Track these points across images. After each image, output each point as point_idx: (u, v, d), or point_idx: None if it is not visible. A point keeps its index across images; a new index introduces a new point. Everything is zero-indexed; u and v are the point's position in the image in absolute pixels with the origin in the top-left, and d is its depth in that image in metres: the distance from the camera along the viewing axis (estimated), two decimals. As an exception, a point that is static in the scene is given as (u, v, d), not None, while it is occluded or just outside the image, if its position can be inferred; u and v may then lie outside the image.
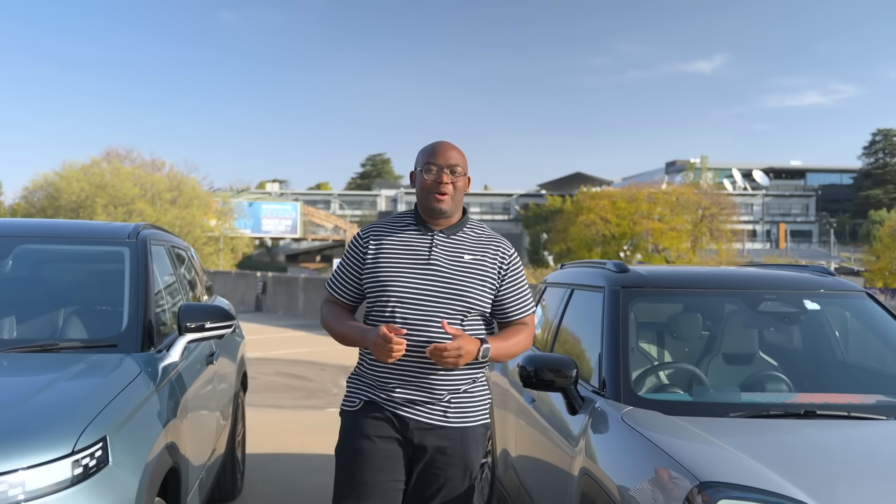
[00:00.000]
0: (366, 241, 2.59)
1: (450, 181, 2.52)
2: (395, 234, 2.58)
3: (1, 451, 1.98)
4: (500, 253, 2.57)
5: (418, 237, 2.55)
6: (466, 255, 2.53)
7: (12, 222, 3.85)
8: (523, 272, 2.65)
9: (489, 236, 2.61)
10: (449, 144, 2.60)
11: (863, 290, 3.48)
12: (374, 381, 2.53)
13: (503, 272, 2.56)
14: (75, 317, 3.15)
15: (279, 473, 5.52)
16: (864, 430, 2.60)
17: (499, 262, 2.56)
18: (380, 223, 2.64)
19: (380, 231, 2.60)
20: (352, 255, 2.60)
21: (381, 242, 2.56)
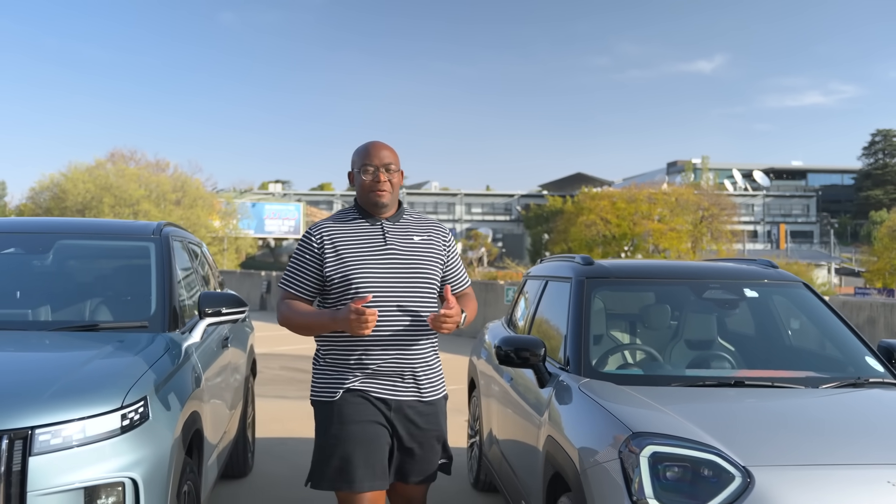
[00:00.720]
0: (319, 239, 2.76)
1: (386, 178, 2.76)
2: (346, 227, 2.79)
3: (67, 404, 2.45)
4: (442, 234, 2.90)
5: (369, 227, 2.79)
6: (415, 236, 2.83)
7: (52, 221, 4.33)
8: (458, 251, 3.01)
9: (428, 220, 2.93)
10: (381, 144, 2.81)
11: (800, 280, 3.95)
12: (350, 368, 2.73)
13: (447, 250, 2.90)
14: (110, 302, 3.64)
15: (286, 455, 5.98)
16: (780, 397, 3.06)
17: (443, 242, 2.89)
18: (326, 221, 2.83)
19: (330, 227, 2.79)
20: (306, 252, 2.77)
21: (336, 237, 2.76)
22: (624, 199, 50.74)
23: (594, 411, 2.89)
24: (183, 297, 3.88)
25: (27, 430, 2.34)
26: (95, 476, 2.41)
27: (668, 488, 2.40)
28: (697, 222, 51.20)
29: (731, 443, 2.48)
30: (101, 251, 4.07)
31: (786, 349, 3.75)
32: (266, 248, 69.16)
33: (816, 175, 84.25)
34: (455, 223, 75.16)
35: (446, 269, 2.91)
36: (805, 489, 2.30)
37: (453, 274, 2.94)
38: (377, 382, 2.74)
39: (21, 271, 3.83)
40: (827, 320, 3.76)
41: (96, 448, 2.44)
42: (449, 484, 5.14)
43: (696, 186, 55.51)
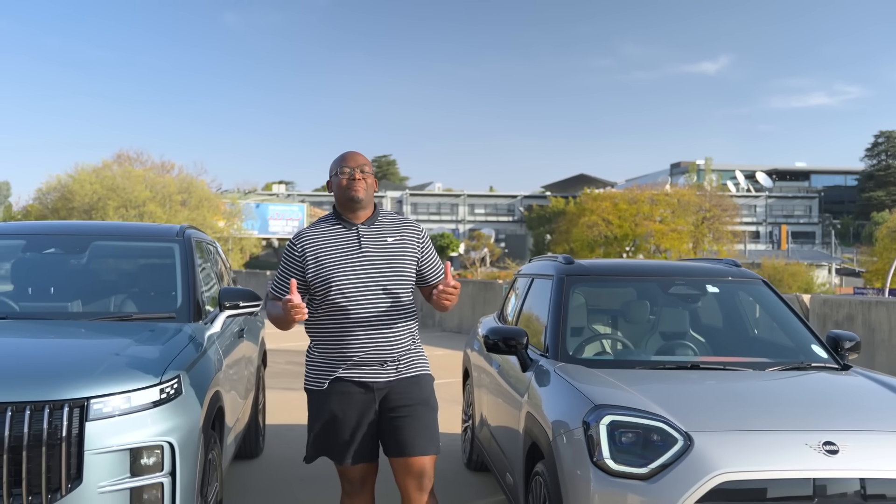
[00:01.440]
0: (301, 247, 3.07)
1: (361, 177, 3.04)
2: (324, 235, 3.08)
3: (116, 379, 2.90)
4: (415, 232, 3.15)
5: (345, 233, 3.06)
6: (388, 237, 3.09)
7: (87, 224, 4.79)
8: (433, 246, 3.24)
9: (403, 221, 3.18)
10: (356, 152, 3.11)
11: (759, 278, 4.39)
12: (336, 359, 3.03)
13: (420, 247, 3.15)
14: (140, 296, 4.10)
15: (293, 439, 6.42)
16: (728, 378, 3.51)
17: (416, 240, 3.14)
18: (307, 230, 3.11)
19: (310, 236, 3.08)
20: (290, 260, 3.09)
21: (315, 244, 3.05)
22: (625, 200, 51.08)
23: (566, 389, 3.33)
24: (204, 291, 4.33)
25: (84, 400, 2.79)
26: (139, 439, 2.85)
27: (623, 450, 2.85)
28: (699, 223, 51.53)
29: (677, 413, 2.93)
30: (132, 251, 4.55)
31: (744, 338, 4.20)
32: (270, 248, 69.66)
33: (820, 176, 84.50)
34: (458, 224, 75.56)
35: (422, 263, 3.15)
36: (735, 449, 2.74)
37: (429, 267, 3.18)
38: (360, 370, 3.04)
39: (61, 269, 4.30)
40: (782, 314, 4.20)
41: (139, 416, 2.89)
42: (444, 465, 5.57)
43: (698, 188, 55.76)
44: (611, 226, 50.71)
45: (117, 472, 2.81)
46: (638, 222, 50.46)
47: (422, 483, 3.07)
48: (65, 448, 2.72)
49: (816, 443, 2.78)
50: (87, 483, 2.75)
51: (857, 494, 2.70)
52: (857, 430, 2.90)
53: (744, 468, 2.70)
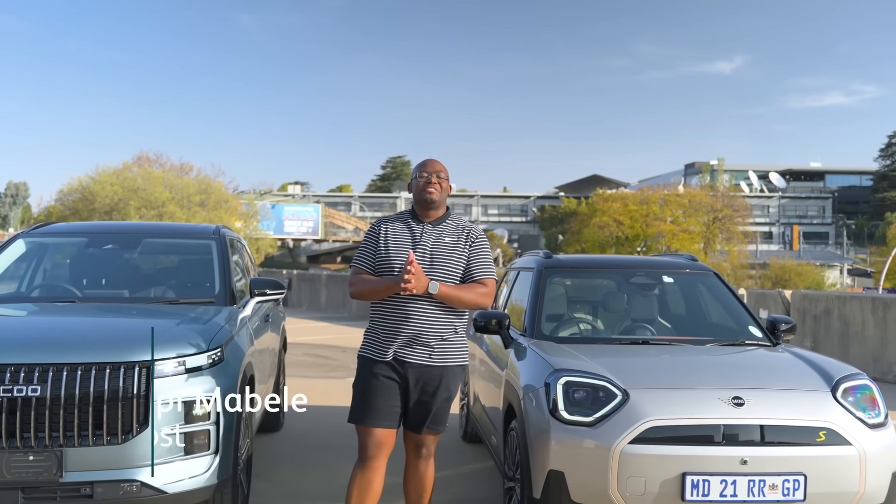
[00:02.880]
0: (378, 230, 3.61)
1: (437, 182, 3.56)
2: (398, 225, 3.62)
3: (174, 347, 3.64)
4: (470, 233, 3.60)
5: (413, 227, 3.59)
6: (447, 238, 3.56)
7: (138, 224, 5.60)
8: (488, 248, 3.63)
9: (463, 225, 3.63)
10: (435, 160, 3.61)
11: (711, 270, 5.11)
12: (389, 337, 3.49)
13: (470, 245, 3.56)
14: (185, 284, 4.88)
15: (310, 418, 7.18)
16: (669, 351, 4.24)
17: (467, 239, 3.57)
18: (387, 218, 3.66)
19: (387, 223, 3.63)
20: (369, 239, 3.63)
21: (389, 231, 3.59)
22: (637, 200, 51.54)
23: (535, 359, 4.07)
24: (236, 281, 5.10)
25: (150, 362, 3.54)
26: (191, 394, 3.60)
27: (575, 404, 3.58)
28: (710, 223, 51.90)
29: (619, 375, 3.66)
30: (176, 247, 5.35)
31: (693, 320, 4.92)
32: (284, 248, 70.50)
33: (834, 176, 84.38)
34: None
35: (469, 261, 3.57)
36: (661, 402, 3.48)
37: (474, 265, 3.57)
38: (403, 349, 3.49)
39: (117, 262, 5.10)
40: (728, 300, 4.91)
41: (192, 377, 3.64)
42: (443, 438, 6.30)
43: (711, 188, 56.04)
44: (622, 226, 51.06)
45: (175, 420, 3.57)
46: (649, 223, 50.78)
47: (422, 452, 3.64)
48: (135, 399, 3.48)
49: (727, 397, 3.50)
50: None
51: (757, 437, 3.42)
52: (761, 388, 3.62)
53: (667, 416, 3.43)
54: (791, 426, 3.46)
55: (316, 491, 4.98)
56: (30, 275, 5.00)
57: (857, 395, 3.68)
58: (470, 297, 3.51)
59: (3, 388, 3.37)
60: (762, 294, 11.56)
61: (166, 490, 3.51)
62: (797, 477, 3.38)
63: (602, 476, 3.42)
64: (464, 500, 4.81)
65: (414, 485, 3.66)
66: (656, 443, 3.40)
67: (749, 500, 3.36)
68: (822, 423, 3.48)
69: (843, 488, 3.45)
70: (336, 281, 22.46)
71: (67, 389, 3.41)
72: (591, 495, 3.46)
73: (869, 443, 3.51)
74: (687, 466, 3.36)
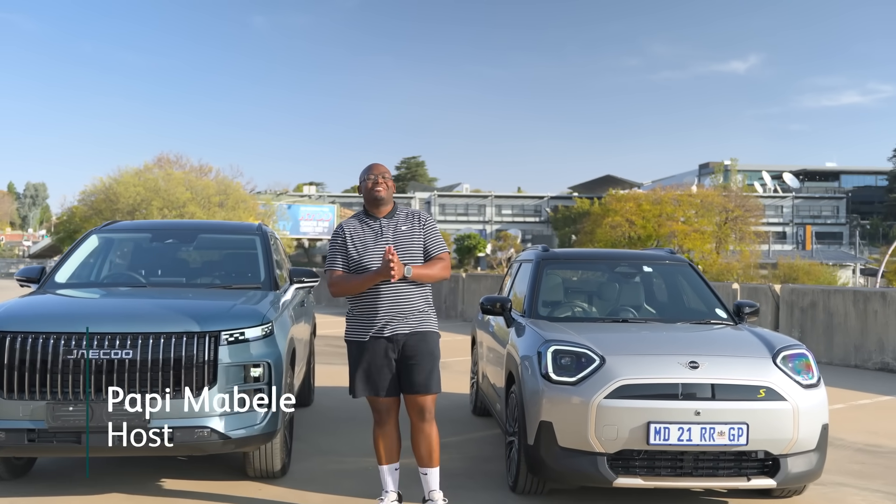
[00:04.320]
0: (344, 233, 4.19)
1: (383, 181, 4.17)
2: (358, 225, 4.21)
3: (235, 320, 4.47)
4: (419, 217, 4.24)
5: (372, 223, 4.21)
6: (403, 226, 4.19)
7: (192, 222, 6.48)
8: (436, 226, 4.28)
9: (412, 212, 4.25)
10: (378, 163, 4.22)
11: (687, 261, 5.90)
12: (369, 317, 4.11)
13: (422, 227, 4.22)
14: (235, 272, 5.74)
15: (335, 396, 8.03)
16: (644, 328, 5.04)
17: (419, 222, 4.22)
18: (347, 221, 4.24)
19: (349, 225, 4.20)
20: (337, 243, 4.20)
21: (352, 232, 4.18)
22: (649, 200, 52.07)
23: (531, 334, 4.89)
24: (276, 270, 5.95)
25: (218, 332, 4.37)
26: (250, 359, 4.44)
27: (561, 367, 4.39)
28: (722, 224, 52.33)
29: (598, 344, 4.46)
30: (227, 241, 6.23)
31: (669, 304, 5.72)
32: (300, 248, 71.47)
33: (850, 176, 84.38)
34: (485, 225, 76.99)
35: (425, 241, 4.24)
36: (631, 365, 4.28)
37: (429, 244, 4.25)
38: (385, 326, 4.10)
39: (177, 254, 5.97)
40: (700, 287, 5.70)
41: (250, 345, 4.47)
42: (456, 413, 7.15)
43: (725, 188, 56.40)
44: (634, 226, 51.50)
45: (237, 380, 4.41)
46: (661, 223, 51.20)
47: (424, 414, 4.15)
48: (205, 362, 4.32)
49: (685, 362, 4.30)
50: (219, 385, 4.34)
51: (709, 394, 4.21)
52: (714, 355, 4.42)
53: (635, 377, 4.23)
54: (736, 385, 4.25)
55: (347, 449, 5.82)
56: (103, 265, 5.87)
57: (795, 362, 4.47)
58: (435, 272, 4.20)
59: (102, 351, 4.22)
60: (754, 288, 12.30)
61: (231, 436, 4.34)
62: (741, 426, 4.17)
63: (583, 425, 4.23)
64: (472, 458, 5.62)
65: (422, 445, 4.20)
66: (627, 398, 4.20)
67: (701, 443, 4.16)
68: (763, 383, 4.27)
69: (780, 436, 4.23)
70: (354, 278, 23.32)
71: (153, 353, 4.26)
72: (574, 441, 4.27)
73: (802, 400, 4.30)
74: (651, 417, 4.16)
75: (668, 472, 4.24)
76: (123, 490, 4.66)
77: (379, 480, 4.38)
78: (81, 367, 4.20)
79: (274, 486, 4.84)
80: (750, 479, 4.25)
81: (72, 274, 5.59)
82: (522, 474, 4.62)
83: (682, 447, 4.16)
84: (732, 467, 4.25)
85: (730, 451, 4.19)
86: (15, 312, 4.50)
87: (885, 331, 10.35)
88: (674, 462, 4.22)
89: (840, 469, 5.47)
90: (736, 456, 4.23)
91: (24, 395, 4.20)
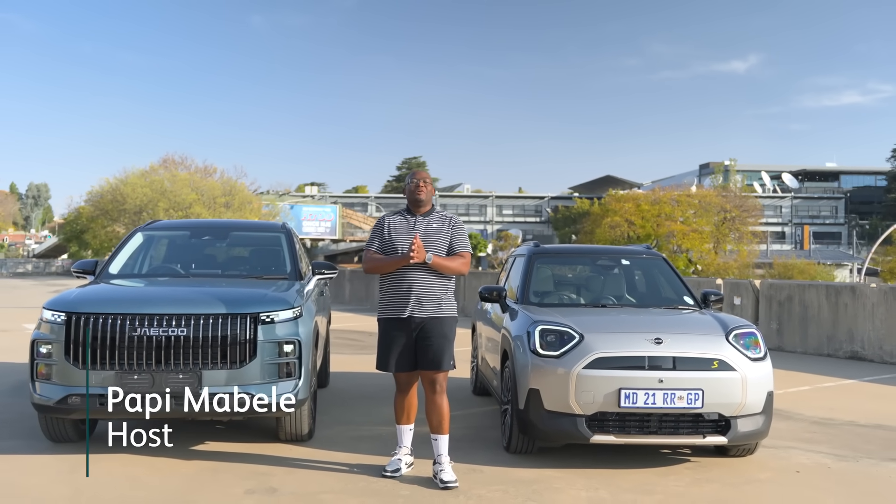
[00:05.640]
0: (383, 222, 5.01)
1: (423, 186, 4.98)
2: (399, 218, 4.99)
3: (272, 304, 5.27)
4: (450, 220, 4.98)
5: (409, 218, 4.98)
6: (434, 224, 4.94)
7: (225, 221, 7.29)
8: (464, 230, 5.00)
9: (446, 214, 5.01)
10: (422, 170, 5.49)
11: (661, 256, 6.71)
12: (397, 300, 4.85)
13: (451, 228, 4.95)
14: (264, 265, 6.56)
15: (348, 379, 8.85)
16: (620, 311, 5.85)
17: (449, 224, 4.96)
18: (390, 214, 5.03)
19: (391, 217, 5.02)
20: (377, 229, 5.02)
21: (391, 224, 4.98)
22: (648, 201, 52.80)
23: (523, 316, 5.69)
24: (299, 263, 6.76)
25: (257, 314, 5.18)
26: (284, 337, 5.24)
27: (546, 344, 5.19)
28: (719, 224, 53.04)
29: (578, 324, 5.27)
30: (256, 238, 7.06)
31: (643, 292, 6.53)
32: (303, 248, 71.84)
33: (849, 176, 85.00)
34: (486, 225, 77.74)
35: (451, 240, 4.97)
36: (605, 341, 5.08)
37: (455, 242, 4.97)
38: (408, 308, 4.84)
39: (212, 249, 6.79)
40: (672, 278, 6.51)
41: (283, 324, 5.27)
42: (459, 394, 7.96)
43: (724, 189, 57.04)
44: (633, 226, 52.16)
45: (273, 354, 5.21)
46: (660, 223, 51.84)
47: (435, 387, 4.89)
48: (247, 339, 5.13)
49: (651, 338, 5.10)
50: (258, 358, 5.14)
51: (671, 365, 5.02)
52: (676, 333, 5.22)
53: (609, 350, 5.04)
54: (693, 357, 5.05)
55: (362, 420, 6.63)
56: (146, 258, 6.69)
57: (745, 339, 5.27)
58: (454, 264, 4.92)
59: (161, 329, 5.04)
60: (736, 283, 13.10)
61: (269, 402, 5.14)
62: (697, 391, 4.97)
63: (565, 391, 5.03)
64: (473, 427, 6.42)
65: (434, 414, 4.92)
66: (601, 368, 5.01)
67: (664, 406, 4.96)
68: (716, 356, 5.07)
69: (730, 400, 5.03)
70: (359, 276, 24.19)
71: (203, 331, 5.07)
72: (558, 405, 5.08)
73: (750, 371, 5.10)
74: (622, 384, 4.96)
75: (636, 430, 5.05)
76: (167, 455, 5.44)
77: (391, 443, 5.20)
78: (143, 343, 5.00)
79: (303, 447, 5.65)
80: (705, 437, 5.07)
81: (122, 266, 6.42)
82: (515, 435, 5.43)
83: (647, 410, 4.96)
84: (690, 427, 5.06)
85: (688, 413, 4.99)
86: (86, 297, 5.32)
87: (854, 322, 11.15)
88: (641, 422, 5.03)
89: (793, 436, 6.28)
90: (693, 417, 5.03)
91: (95, 366, 5.01)
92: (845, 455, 5.75)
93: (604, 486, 4.87)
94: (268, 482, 4.84)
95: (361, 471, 5.09)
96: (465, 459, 5.29)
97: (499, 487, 4.80)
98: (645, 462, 5.40)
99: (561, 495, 4.68)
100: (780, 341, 12.10)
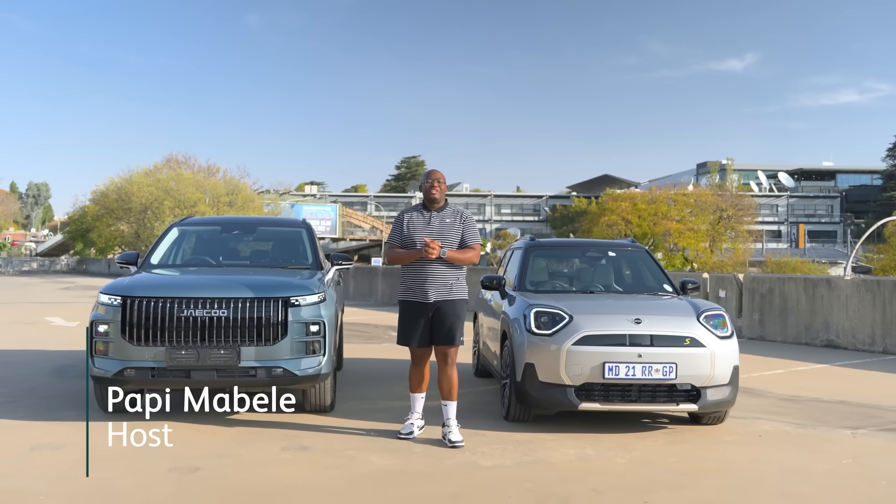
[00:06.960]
0: (402, 219, 5.69)
1: (438, 185, 5.67)
2: (416, 214, 5.67)
3: (300, 289, 6.00)
4: (462, 214, 5.66)
5: (426, 213, 5.67)
6: (448, 219, 5.61)
7: (252, 217, 8.09)
8: (475, 223, 5.71)
9: (458, 209, 5.69)
10: (437, 170, 5.71)
11: (644, 248, 7.47)
12: (417, 284, 5.63)
13: (463, 222, 5.63)
14: (288, 256, 7.32)
15: (359, 364, 9.60)
16: (607, 297, 6.62)
17: (461, 219, 5.64)
18: (409, 209, 5.70)
19: (408, 213, 5.69)
20: (397, 224, 5.69)
21: (409, 218, 5.68)
22: (645, 200, 53.52)
23: (520, 301, 6.45)
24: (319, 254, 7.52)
25: (287, 297, 5.92)
26: (311, 318, 5.98)
27: (540, 324, 5.95)
28: (715, 223, 53.77)
29: (568, 307, 6.03)
30: (280, 233, 7.84)
31: (628, 280, 7.29)
32: (304, 246, 72.25)
33: (845, 176, 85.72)
34: (485, 223, 78.50)
35: (463, 233, 5.66)
36: (592, 322, 5.84)
37: (466, 235, 5.67)
38: (425, 292, 5.58)
39: (242, 242, 7.55)
40: (654, 269, 7.27)
41: (310, 307, 6.00)
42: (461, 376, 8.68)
43: (720, 188, 57.73)
44: (630, 225, 52.83)
45: (301, 334, 5.95)
46: (657, 222, 52.52)
47: (447, 359, 5.64)
48: (280, 321, 5.87)
49: (631, 319, 5.86)
50: (288, 337, 5.89)
51: (648, 342, 5.77)
52: (654, 314, 5.98)
53: (595, 329, 5.79)
54: (668, 335, 5.81)
55: (376, 396, 7.39)
56: (180, 250, 7.44)
57: (714, 320, 6.02)
58: (466, 256, 5.65)
59: (204, 311, 5.78)
60: (721, 277, 13.86)
61: (297, 374, 5.89)
62: (671, 365, 5.72)
63: (556, 365, 5.79)
64: (475, 402, 7.18)
65: (444, 383, 5.67)
66: (588, 345, 5.76)
67: (643, 378, 5.72)
68: (688, 334, 5.83)
69: (700, 373, 5.79)
70: (363, 273, 24.93)
71: (241, 313, 5.82)
72: (550, 376, 5.83)
73: (718, 347, 5.86)
74: (606, 358, 5.72)
75: (619, 399, 5.80)
76: (203, 421, 6.19)
77: (404, 413, 5.97)
78: (189, 323, 5.75)
79: (326, 416, 6.41)
80: (679, 405, 5.82)
81: (161, 257, 7.17)
82: (513, 405, 6.18)
83: (628, 381, 5.72)
84: (666, 395, 5.81)
85: (664, 383, 5.75)
86: (137, 284, 6.07)
87: (829, 312, 11.92)
88: (623, 391, 5.78)
89: (761, 410, 7.04)
90: (668, 387, 5.79)
91: (147, 343, 5.76)
92: (805, 423, 6.51)
93: (590, 445, 5.63)
94: (300, 442, 5.60)
95: (379, 434, 5.85)
96: (469, 426, 6.03)
97: (499, 446, 5.55)
98: (627, 427, 6.16)
99: (553, 452, 5.43)
100: (762, 331, 12.88)
